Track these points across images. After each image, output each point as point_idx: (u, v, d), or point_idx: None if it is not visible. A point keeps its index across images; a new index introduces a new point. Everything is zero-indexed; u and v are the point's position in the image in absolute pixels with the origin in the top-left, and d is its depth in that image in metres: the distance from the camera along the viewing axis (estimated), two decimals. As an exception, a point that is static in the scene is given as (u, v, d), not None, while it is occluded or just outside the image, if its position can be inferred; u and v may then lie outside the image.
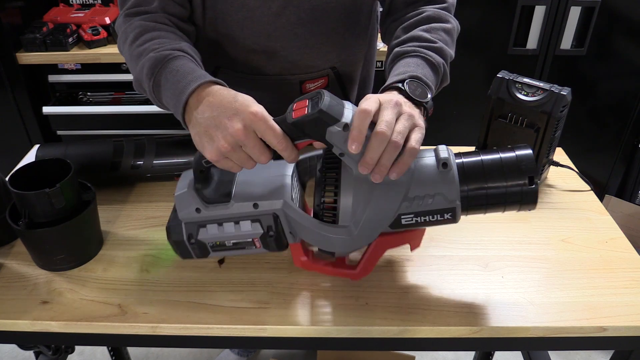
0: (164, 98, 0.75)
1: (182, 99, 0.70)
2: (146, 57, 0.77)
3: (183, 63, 0.75)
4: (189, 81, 0.70)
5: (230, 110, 0.64)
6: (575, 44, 1.82)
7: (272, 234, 0.70)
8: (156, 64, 0.75)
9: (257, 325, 0.70)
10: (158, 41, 0.79)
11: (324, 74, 0.99)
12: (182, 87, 0.71)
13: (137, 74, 0.79)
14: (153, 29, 0.82)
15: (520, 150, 0.66)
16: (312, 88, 0.99)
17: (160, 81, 0.75)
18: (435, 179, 0.65)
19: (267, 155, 0.64)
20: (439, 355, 1.79)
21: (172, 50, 0.76)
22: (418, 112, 0.67)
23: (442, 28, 0.84)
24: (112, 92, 1.98)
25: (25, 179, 0.77)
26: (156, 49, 0.77)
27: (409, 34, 0.84)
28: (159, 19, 0.84)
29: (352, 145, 0.60)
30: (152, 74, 0.75)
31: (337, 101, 0.63)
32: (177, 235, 0.73)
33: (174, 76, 0.73)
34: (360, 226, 0.67)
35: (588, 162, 2.02)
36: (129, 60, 0.82)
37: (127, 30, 0.83)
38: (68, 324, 0.71)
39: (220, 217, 0.71)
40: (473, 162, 0.67)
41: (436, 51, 0.80)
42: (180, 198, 0.71)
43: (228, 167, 0.66)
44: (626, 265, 0.79)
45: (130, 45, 0.81)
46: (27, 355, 1.77)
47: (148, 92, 0.78)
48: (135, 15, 0.85)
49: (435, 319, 0.70)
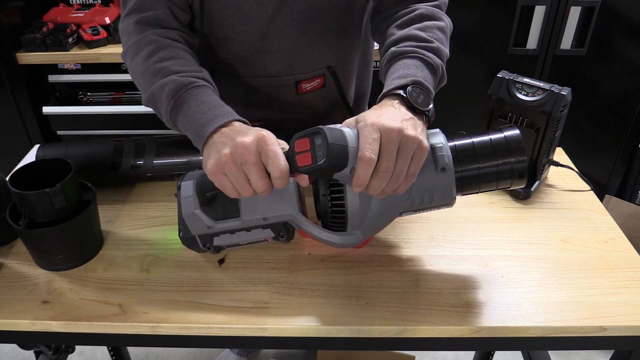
0: (181, 122, 0.75)
1: (208, 130, 0.70)
2: (168, 77, 0.76)
3: (209, 94, 0.75)
4: (215, 115, 0.71)
5: (244, 131, 0.66)
6: (575, 44, 1.82)
7: (284, 235, 0.73)
8: (180, 88, 0.75)
9: (257, 325, 0.70)
10: (179, 62, 0.79)
11: (320, 74, 0.99)
12: (207, 120, 0.71)
13: (154, 91, 0.77)
14: (170, 46, 0.81)
15: (508, 131, 0.72)
16: (309, 88, 0.99)
17: (182, 106, 0.74)
18: (434, 182, 0.68)
19: (265, 181, 0.63)
20: (439, 355, 1.79)
21: (197, 78, 0.77)
22: (421, 125, 0.66)
23: (436, 26, 0.83)
24: (112, 92, 1.98)
25: (26, 179, 0.77)
26: (179, 72, 0.77)
27: (404, 33, 0.82)
28: (173, 35, 0.84)
29: (355, 188, 0.63)
30: (174, 96, 0.75)
31: (339, 139, 0.62)
32: (194, 246, 0.76)
33: (198, 105, 0.73)
34: (366, 231, 0.70)
35: (588, 162, 2.02)
36: (141, 74, 0.81)
37: (141, 42, 0.81)
38: (68, 324, 0.71)
39: (232, 228, 0.73)
40: (465, 144, 0.71)
41: (434, 51, 0.79)
42: (190, 218, 0.73)
43: (224, 185, 0.66)
44: (626, 265, 0.79)
45: (146, 59, 0.80)
46: (27, 355, 1.77)
47: (164, 112, 0.77)
48: (146, 25, 0.83)
49: (435, 319, 0.70)
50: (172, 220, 0.87)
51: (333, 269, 0.79)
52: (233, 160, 0.64)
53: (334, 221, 0.70)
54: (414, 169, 0.64)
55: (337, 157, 0.61)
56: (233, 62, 0.96)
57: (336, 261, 0.80)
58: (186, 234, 0.74)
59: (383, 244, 0.83)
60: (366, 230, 0.70)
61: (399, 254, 0.81)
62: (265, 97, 1.01)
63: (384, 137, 0.62)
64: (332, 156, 0.61)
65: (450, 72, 0.84)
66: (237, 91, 0.99)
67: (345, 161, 0.62)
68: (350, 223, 0.69)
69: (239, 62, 0.96)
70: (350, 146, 0.63)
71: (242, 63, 0.96)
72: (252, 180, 0.64)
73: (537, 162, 0.93)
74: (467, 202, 0.90)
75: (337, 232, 0.71)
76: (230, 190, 0.66)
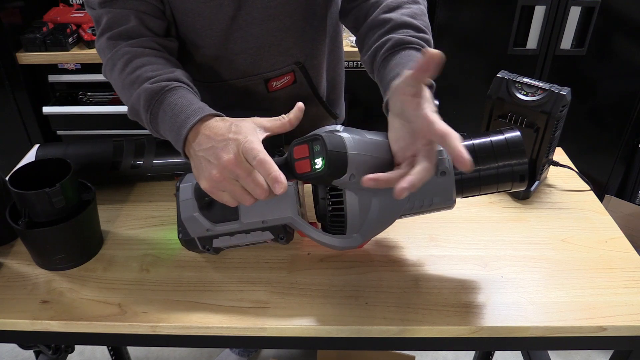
0: (162, 130, 0.75)
1: (182, 133, 0.69)
2: (141, 87, 0.75)
3: (181, 95, 0.74)
4: (187, 115, 0.70)
5: (223, 142, 0.64)
6: (575, 44, 1.82)
7: (283, 237, 0.73)
8: (153, 96, 0.74)
9: (256, 325, 0.70)
10: (150, 67, 0.78)
11: (289, 70, 0.98)
12: (180, 122, 0.70)
13: (134, 102, 0.77)
14: (142, 55, 0.80)
15: (508, 133, 0.71)
16: (279, 86, 0.99)
17: (158, 114, 0.74)
18: (435, 185, 0.68)
19: (262, 188, 0.62)
20: (439, 355, 1.79)
21: (168, 80, 0.75)
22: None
23: (422, 12, 0.82)
24: (112, 92, 1.98)
25: (25, 179, 0.77)
26: (151, 79, 0.76)
27: (395, 17, 0.79)
28: (145, 43, 0.82)
29: (368, 183, 0.61)
30: (149, 105, 0.74)
31: (338, 145, 0.61)
32: (194, 247, 0.76)
33: (172, 109, 0.72)
34: (366, 234, 0.70)
35: (588, 162, 2.02)
36: (120, 88, 0.80)
37: (114, 57, 0.81)
38: (68, 324, 0.71)
39: (231, 231, 0.73)
40: (465, 146, 0.69)
41: (428, 44, 0.78)
42: (189, 221, 0.73)
43: (224, 200, 0.66)
44: (626, 265, 0.79)
45: (121, 72, 0.79)
46: (27, 354, 1.77)
47: (145, 122, 0.77)
48: (118, 39, 0.83)
49: (435, 319, 0.70)
50: (172, 220, 0.87)
51: (333, 269, 0.79)
52: (225, 179, 0.63)
53: (334, 224, 0.70)
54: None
55: (335, 165, 0.61)
56: (202, 68, 0.96)
57: (336, 261, 0.80)
58: (185, 236, 0.74)
59: (383, 243, 0.83)
60: (366, 233, 0.70)
61: (398, 253, 0.81)
62: (237, 98, 1.00)
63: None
64: (330, 164, 0.60)
65: (450, 71, 0.84)
66: (207, 95, 0.97)
67: (344, 168, 0.62)
68: (349, 226, 0.69)
69: (207, 67, 0.96)
70: (349, 152, 0.62)
71: (211, 67, 0.96)
72: (250, 190, 0.63)
73: (537, 162, 0.93)
74: (467, 202, 0.89)
75: (336, 235, 0.71)
76: (231, 202, 0.66)
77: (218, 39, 0.91)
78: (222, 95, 1.00)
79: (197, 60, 0.95)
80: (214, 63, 0.95)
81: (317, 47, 0.99)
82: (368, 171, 0.63)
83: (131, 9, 0.82)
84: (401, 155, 0.65)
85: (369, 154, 0.64)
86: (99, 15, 0.84)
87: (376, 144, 0.66)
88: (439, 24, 1.83)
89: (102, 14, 0.83)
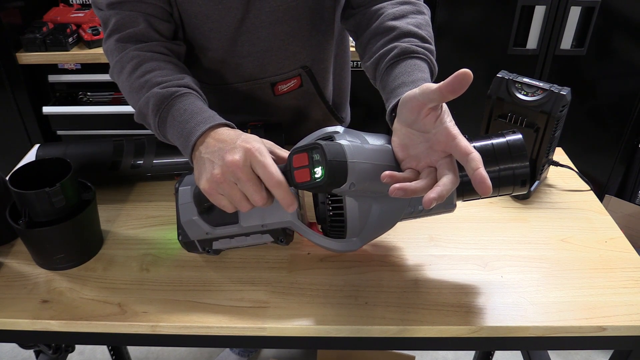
0: (170, 135, 0.75)
1: (192, 140, 0.69)
2: (150, 91, 0.75)
3: (191, 102, 0.74)
4: (197, 122, 0.70)
5: (231, 145, 0.64)
6: (575, 44, 1.82)
7: (283, 240, 0.73)
8: (162, 101, 0.74)
9: (256, 324, 0.70)
10: (160, 73, 0.78)
11: (296, 74, 0.98)
12: (190, 129, 0.70)
13: (141, 106, 0.77)
14: (151, 59, 0.80)
15: (510, 136, 0.71)
16: (286, 89, 0.99)
17: (167, 119, 0.74)
18: None
19: (261, 195, 0.62)
20: (439, 355, 1.80)
21: (178, 87, 0.76)
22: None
23: (427, 23, 0.82)
24: (112, 92, 1.99)
25: (25, 179, 0.77)
26: (160, 84, 0.76)
27: (401, 26, 0.79)
28: (154, 47, 0.82)
29: (396, 193, 0.59)
30: (158, 110, 0.74)
31: (338, 154, 0.61)
32: (194, 249, 0.77)
33: (181, 115, 0.72)
34: (365, 238, 0.70)
35: (588, 162, 2.03)
36: (128, 91, 0.80)
37: (123, 60, 0.81)
38: (68, 323, 0.71)
39: (231, 234, 0.73)
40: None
41: (433, 55, 0.78)
42: (189, 224, 0.74)
43: (222, 205, 0.66)
44: (626, 265, 0.79)
45: (129, 76, 0.79)
46: (27, 354, 1.77)
47: (153, 127, 0.77)
48: (127, 41, 0.82)
49: (435, 319, 0.70)
50: (172, 219, 0.87)
51: (332, 269, 0.79)
52: (226, 180, 0.63)
53: (333, 228, 0.70)
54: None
55: (335, 174, 0.60)
56: (209, 71, 0.96)
57: (335, 261, 0.80)
58: (185, 238, 0.75)
59: (383, 243, 0.83)
60: (365, 237, 0.70)
61: (398, 253, 0.81)
62: (243, 101, 1.00)
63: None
64: (330, 173, 0.60)
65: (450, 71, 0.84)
66: (214, 98, 0.97)
67: (344, 177, 0.61)
68: (349, 230, 0.69)
69: (214, 70, 0.96)
70: (349, 161, 0.61)
71: (217, 71, 0.96)
72: (249, 196, 0.63)
73: (537, 162, 0.93)
74: (467, 202, 0.89)
75: (336, 238, 0.71)
76: (228, 207, 0.66)
77: (225, 42, 0.91)
78: (228, 98, 1.00)
79: (204, 63, 0.95)
80: (221, 66, 0.95)
81: (324, 51, 1.00)
82: (368, 179, 0.63)
83: (140, 11, 0.82)
84: (412, 163, 0.65)
85: (369, 162, 0.64)
86: (107, 16, 0.84)
87: (377, 151, 0.66)
88: (439, 24, 1.83)
89: (110, 15, 0.83)
